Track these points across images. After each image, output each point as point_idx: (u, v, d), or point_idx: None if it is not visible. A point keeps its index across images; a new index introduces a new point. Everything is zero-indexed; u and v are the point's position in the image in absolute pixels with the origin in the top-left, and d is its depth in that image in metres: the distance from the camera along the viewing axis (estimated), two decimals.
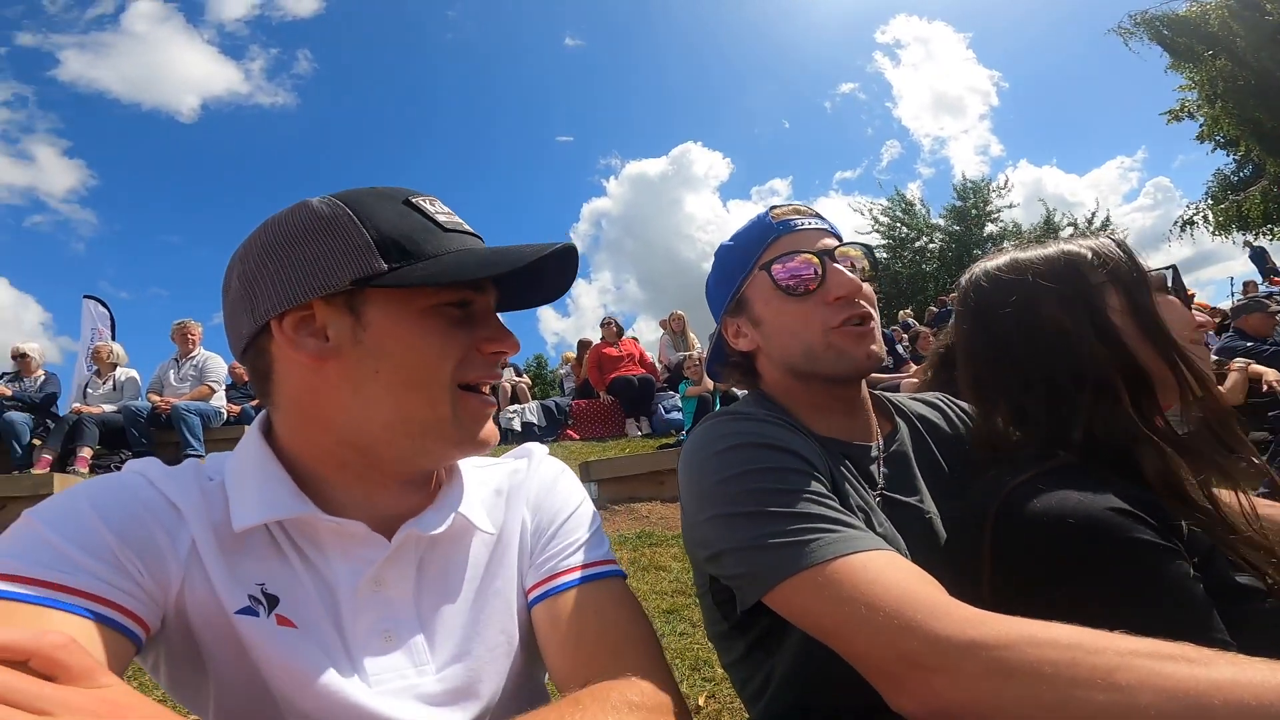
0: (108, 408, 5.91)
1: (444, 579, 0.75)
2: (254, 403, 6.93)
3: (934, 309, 11.60)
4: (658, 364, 8.56)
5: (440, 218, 0.71)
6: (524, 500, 0.83)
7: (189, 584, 0.64)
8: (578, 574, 0.77)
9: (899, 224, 23.30)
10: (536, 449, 0.90)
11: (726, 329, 1.07)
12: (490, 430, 0.74)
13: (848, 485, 0.89)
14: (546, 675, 0.80)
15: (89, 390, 6.25)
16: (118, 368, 6.36)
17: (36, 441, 5.58)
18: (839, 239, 1.00)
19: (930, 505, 0.96)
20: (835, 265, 0.95)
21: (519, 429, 7.24)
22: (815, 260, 0.95)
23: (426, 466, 0.75)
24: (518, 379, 8.49)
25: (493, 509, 0.81)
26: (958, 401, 1.14)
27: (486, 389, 0.75)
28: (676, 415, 7.31)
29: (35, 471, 4.93)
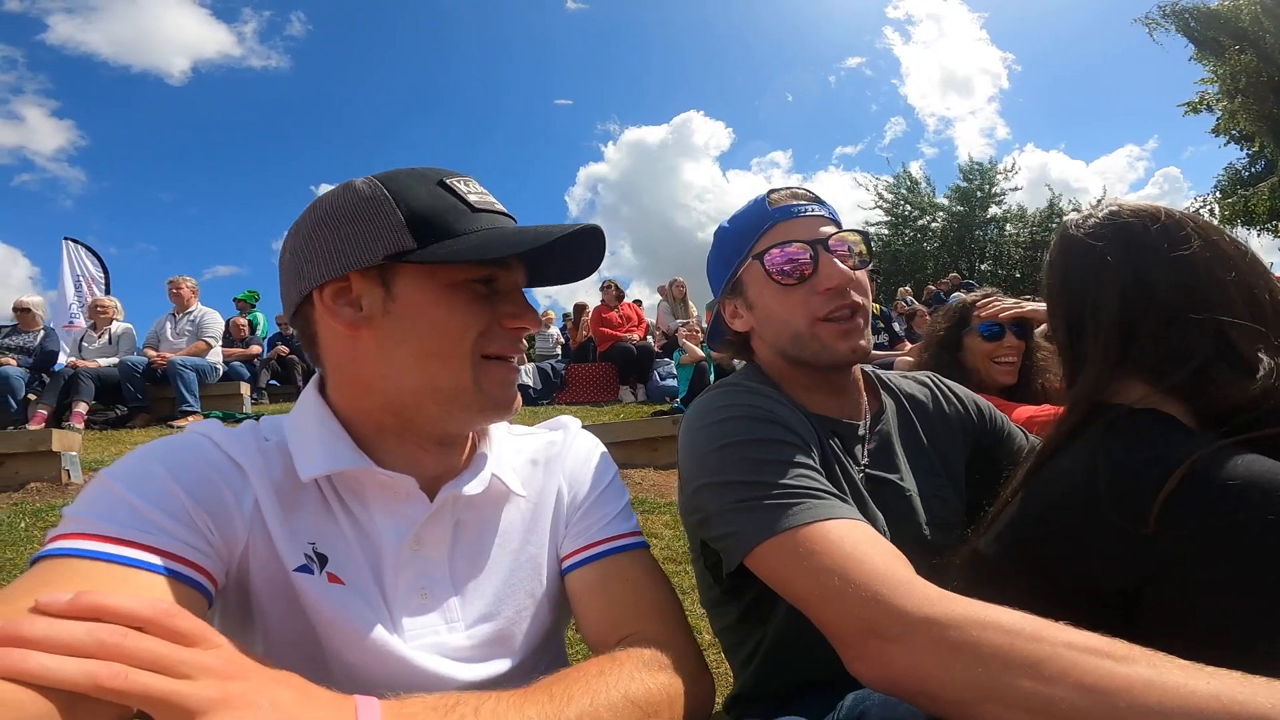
0: (103, 362, 5.91)
1: (478, 541, 0.79)
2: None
3: (933, 288, 11.57)
4: (655, 330, 8.58)
5: (472, 198, 0.74)
6: (560, 470, 0.87)
7: (253, 542, 0.68)
8: (611, 544, 0.83)
9: (903, 201, 23.07)
10: (571, 422, 0.95)
11: (724, 308, 1.09)
12: (512, 397, 0.77)
13: (834, 461, 0.93)
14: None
15: (84, 344, 6.23)
16: (114, 321, 6.33)
17: (32, 396, 5.58)
18: (837, 224, 1.00)
19: (910, 483, 0.99)
20: (828, 255, 0.95)
21: None
22: (808, 249, 0.95)
23: (454, 430, 0.79)
24: None
25: (528, 476, 0.85)
26: (947, 382, 1.17)
27: (514, 359, 0.78)
28: (672, 382, 7.34)
29: (31, 427, 4.94)
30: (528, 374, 7.56)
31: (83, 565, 0.55)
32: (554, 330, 9.84)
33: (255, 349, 7.51)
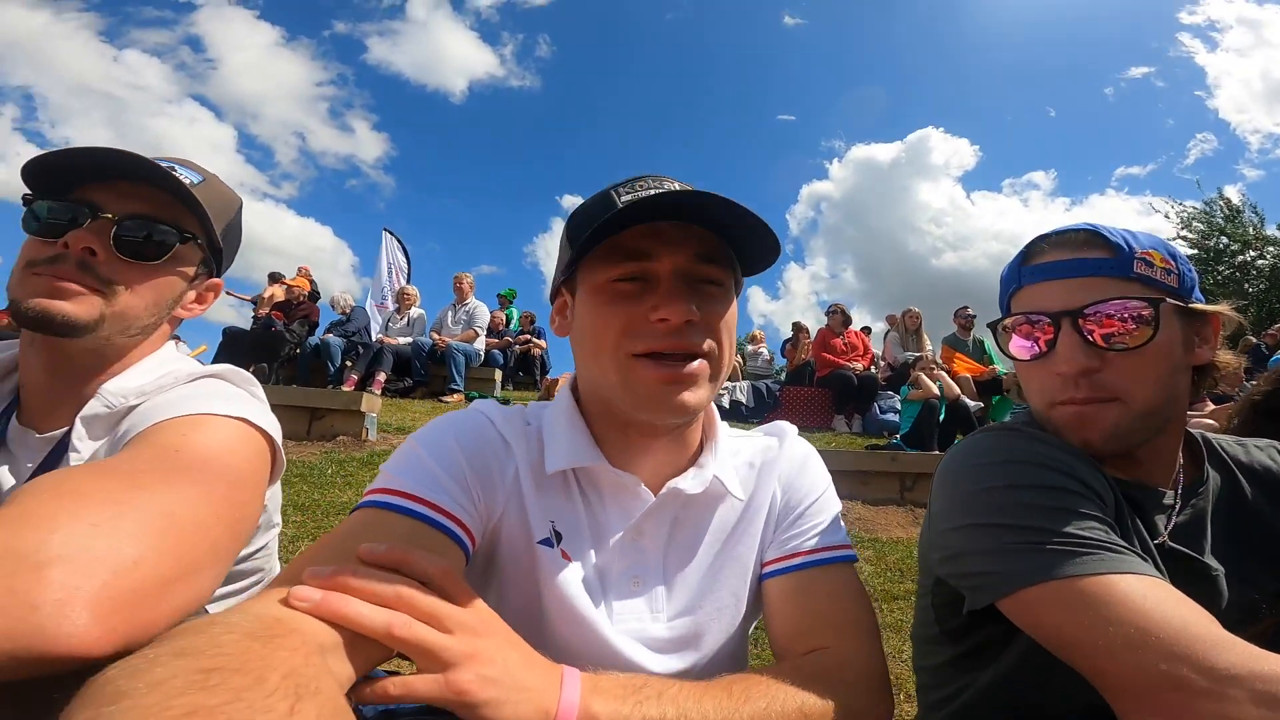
0: (402, 340, 7.26)
1: (693, 537, 0.84)
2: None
3: (1253, 340, 9.18)
4: (880, 361, 8.07)
5: (624, 197, 0.76)
6: (775, 476, 0.88)
7: (508, 511, 0.77)
8: (815, 555, 0.83)
9: (1218, 233, 18.36)
10: (789, 429, 0.95)
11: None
12: (674, 396, 0.73)
13: (1129, 527, 0.82)
14: None
15: (390, 324, 7.72)
16: (413, 307, 7.76)
17: (348, 363, 7.06)
18: (1120, 274, 0.80)
19: (1216, 564, 0.85)
20: (1071, 335, 0.81)
21: (726, 406, 7.37)
22: (1048, 328, 0.83)
23: (644, 421, 0.78)
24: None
25: (745, 478, 0.88)
26: None
27: (671, 356, 0.73)
28: (893, 417, 6.85)
29: (345, 389, 6.24)
30: (741, 391, 7.61)
31: (388, 516, 0.68)
32: (764, 350, 9.71)
33: (509, 340, 8.63)
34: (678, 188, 0.77)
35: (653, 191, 0.75)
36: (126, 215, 0.83)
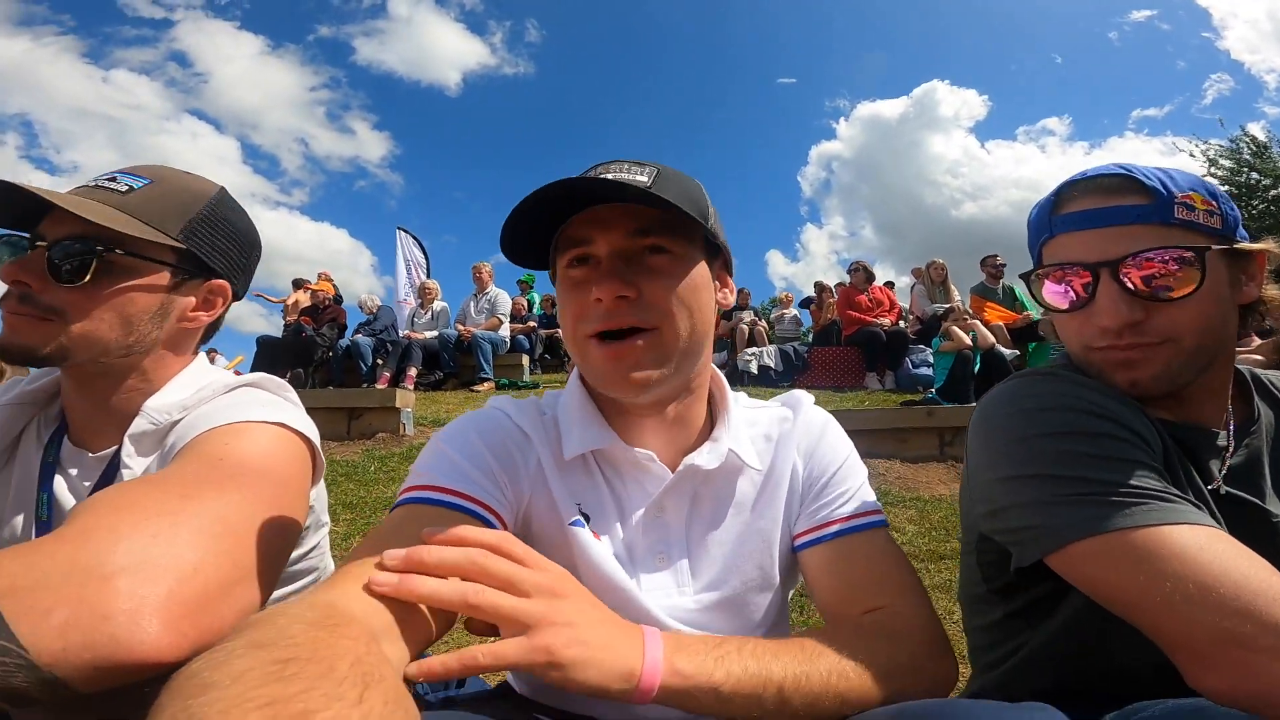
0: (428, 334, 7.36)
1: (713, 511, 0.84)
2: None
3: None
4: (908, 315, 7.93)
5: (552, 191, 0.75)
6: (794, 447, 0.88)
7: (534, 497, 0.80)
8: (849, 523, 0.83)
9: (1247, 169, 17.58)
10: (804, 397, 0.94)
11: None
12: (623, 373, 0.75)
13: (1180, 473, 0.79)
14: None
15: (415, 320, 7.82)
16: (435, 300, 7.85)
17: (379, 361, 7.19)
18: (1159, 220, 0.76)
19: (1278, 509, 0.81)
20: (1111, 286, 0.77)
21: (755, 372, 7.34)
22: (1086, 277, 0.80)
23: (628, 402, 0.81)
24: (755, 321, 8.52)
25: (762, 451, 0.88)
26: None
27: (615, 334, 0.75)
28: (926, 371, 6.75)
29: (379, 387, 6.36)
30: (769, 355, 7.56)
31: (425, 510, 0.71)
32: (792, 311, 9.59)
33: (532, 324, 8.69)
34: (625, 170, 0.76)
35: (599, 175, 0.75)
36: (56, 240, 0.83)
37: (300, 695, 0.39)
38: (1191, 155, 18.19)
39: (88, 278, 0.83)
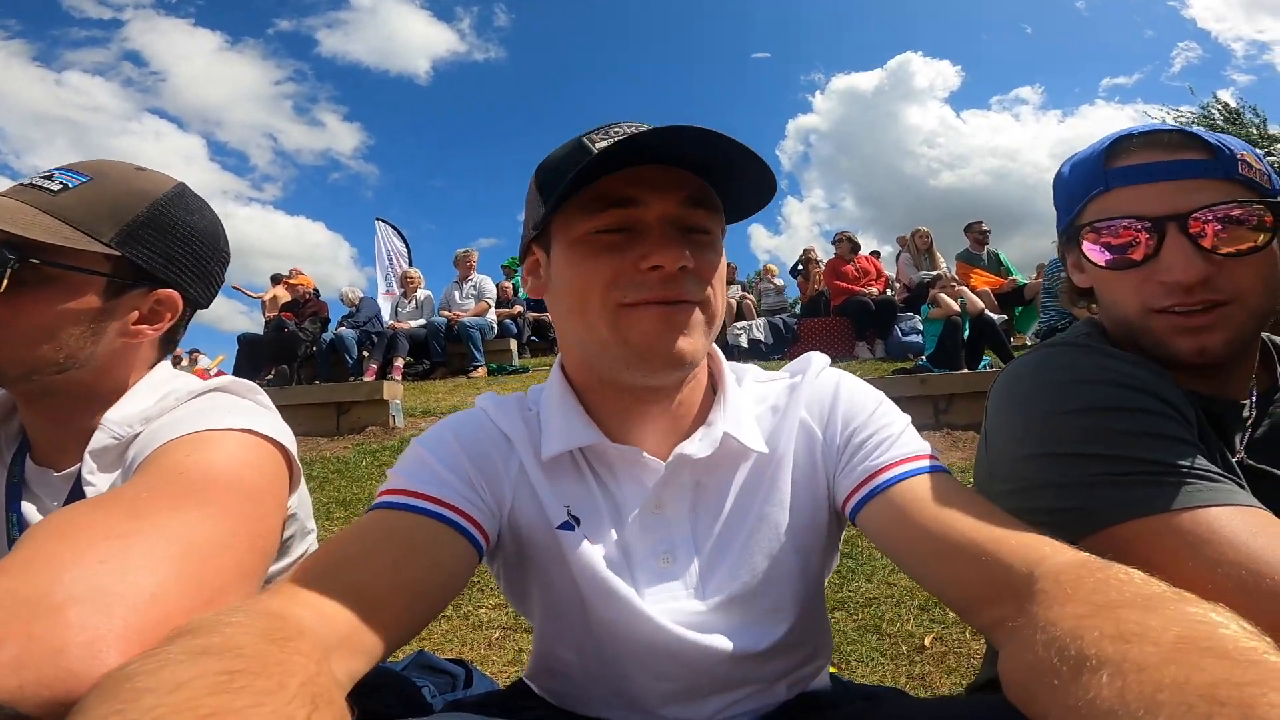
0: (413, 323, 7.26)
1: (719, 503, 0.77)
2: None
3: None
4: (895, 283, 7.93)
5: (599, 144, 0.70)
6: (803, 413, 0.80)
7: (518, 502, 0.76)
8: (901, 468, 0.71)
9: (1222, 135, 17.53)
10: (816, 359, 0.86)
11: (1065, 256, 0.92)
12: (671, 343, 0.69)
13: (1212, 445, 0.76)
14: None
15: (399, 310, 7.71)
16: (419, 289, 7.73)
17: (365, 353, 7.09)
18: (1224, 175, 0.73)
19: None
20: (1180, 240, 0.73)
21: (745, 345, 7.32)
22: (1147, 229, 0.75)
23: (637, 383, 0.74)
24: (743, 295, 8.49)
25: (772, 427, 0.80)
26: None
27: (664, 303, 0.69)
28: (915, 339, 6.76)
29: (366, 379, 6.27)
30: (759, 328, 7.55)
31: (396, 515, 0.67)
32: (776, 280, 9.54)
33: (518, 309, 8.61)
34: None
35: (630, 133, 0.67)
36: None
37: (248, 710, 0.36)
38: (1164, 122, 18.12)
39: (1, 289, 0.74)
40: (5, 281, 0.74)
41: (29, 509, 0.81)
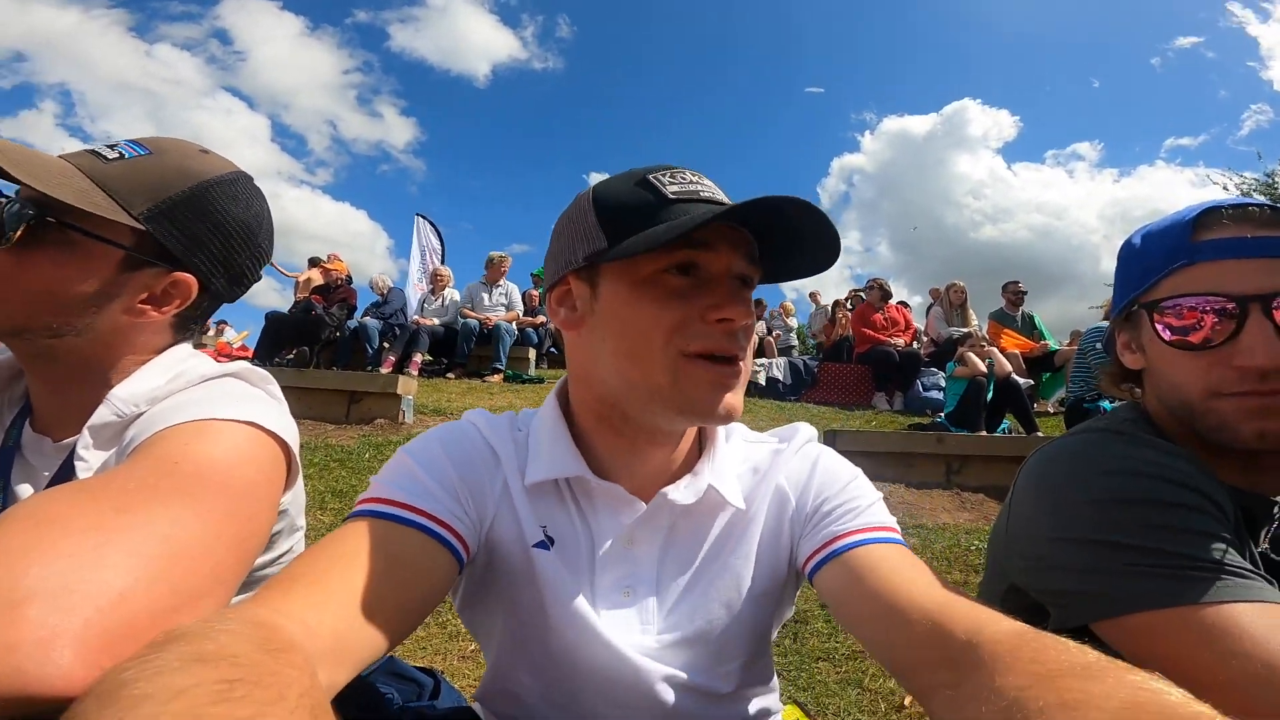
0: (436, 321, 7.32)
1: (689, 549, 0.79)
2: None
3: None
4: (924, 336, 7.83)
5: (671, 189, 0.71)
6: (781, 479, 0.82)
7: (499, 518, 0.76)
8: (861, 535, 0.74)
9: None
10: (804, 430, 0.88)
11: (1116, 331, 0.90)
12: (717, 402, 0.70)
13: (1244, 539, 0.75)
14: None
15: (425, 306, 7.79)
16: (447, 288, 7.83)
17: (385, 345, 7.16)
18: None
19: None
20: (1263, 322, 0.71)
21: (763, 384, 7.27)
22: (1230, 313, 0.72)
23: (663, 426, 0.75)
24: (766, 336, 8.45)
25: (750, 486, 0.82)
26: None
27: (726, 359, 0.70)
28: (936, 394, 6.66)
29: (382, 371, 6.32)
30: (778, 368, 7.50)
31: (378, 524, 0.67)
32: (793, 321, 9.50)
33: (542, 319, 8.66)
34: (714, 186, 0.74)
35: (700, 189, 0.71)
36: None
37: (252, 719, 0.36)
38: (1224, 189, 17.60)
39: (15, 239, 0.74)
40: (18, 234, 0.74)
41: (17, 475, 0.80)
